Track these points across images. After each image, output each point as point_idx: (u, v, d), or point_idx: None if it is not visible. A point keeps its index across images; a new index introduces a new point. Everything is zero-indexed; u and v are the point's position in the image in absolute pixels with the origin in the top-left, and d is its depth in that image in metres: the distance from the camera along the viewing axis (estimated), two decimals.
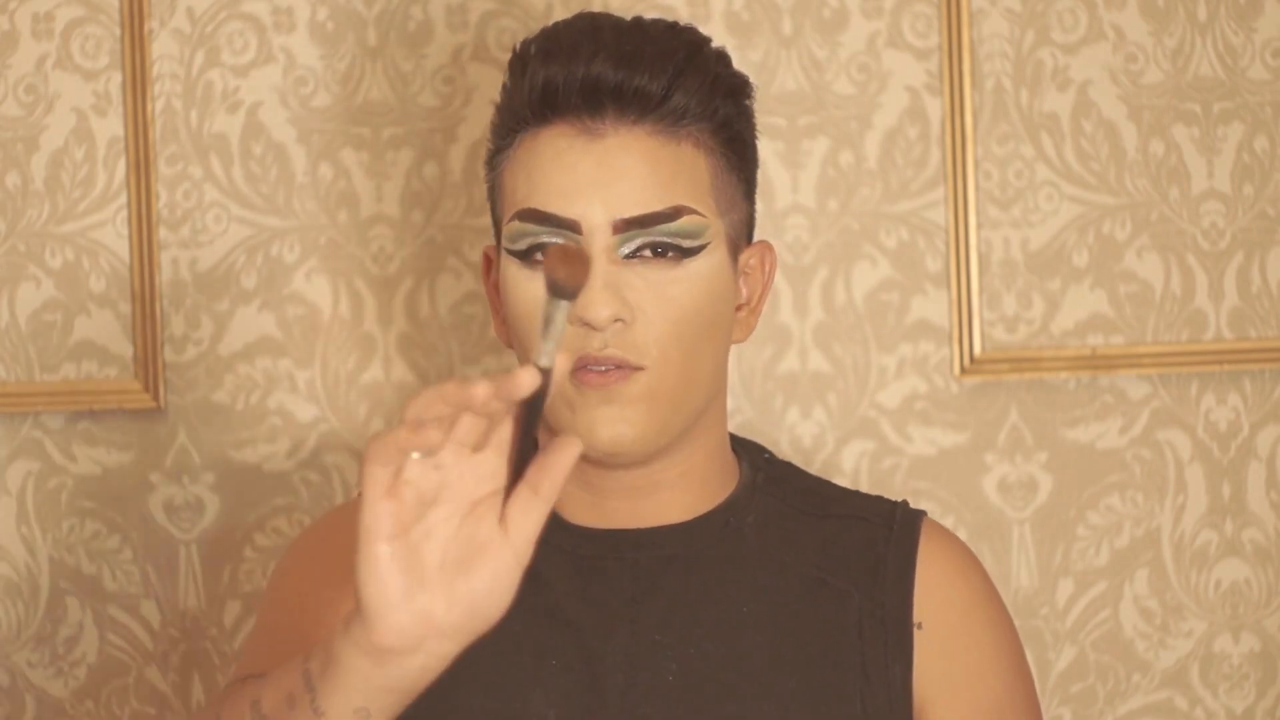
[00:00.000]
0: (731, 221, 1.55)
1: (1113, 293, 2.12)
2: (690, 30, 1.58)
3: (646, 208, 1.50)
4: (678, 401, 1.52)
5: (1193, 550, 2.13)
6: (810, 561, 1.57)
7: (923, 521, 1.60)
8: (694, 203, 1.51)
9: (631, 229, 1.50)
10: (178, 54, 2.13)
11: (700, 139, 1.53)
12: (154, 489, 2.15)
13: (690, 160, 1.52)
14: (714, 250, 1.53)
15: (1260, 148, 2.11)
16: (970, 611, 1.57)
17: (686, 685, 1.52)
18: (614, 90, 1.50)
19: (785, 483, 1.62)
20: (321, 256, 2.13)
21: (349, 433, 2.13)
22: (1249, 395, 2.13)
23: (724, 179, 1.54)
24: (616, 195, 1.50)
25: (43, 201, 2.14)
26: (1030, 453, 2.12)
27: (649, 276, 1.50)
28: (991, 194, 2.11)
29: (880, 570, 1.56)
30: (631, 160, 1.50)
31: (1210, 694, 2.13)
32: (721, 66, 1.57)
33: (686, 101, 1.51)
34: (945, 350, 2.12)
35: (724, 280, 1.54)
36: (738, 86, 1.57)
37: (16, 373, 2.14)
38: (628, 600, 1.55)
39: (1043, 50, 2.12)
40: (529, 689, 1.53)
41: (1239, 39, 2.11)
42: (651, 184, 1.50)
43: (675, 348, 1.51)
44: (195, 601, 2.15)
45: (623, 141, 1.51)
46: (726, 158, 1.55)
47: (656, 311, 1.50)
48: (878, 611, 1.55)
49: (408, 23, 2.13)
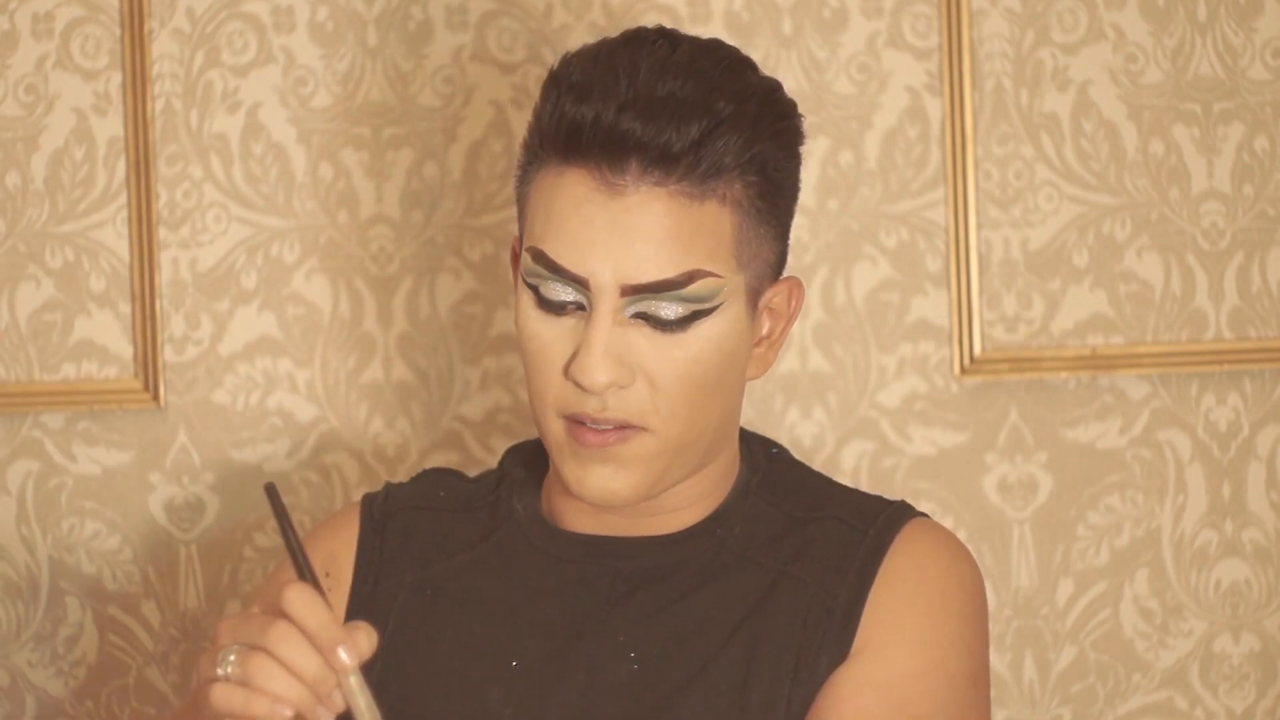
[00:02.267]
0: (755, 271, 1.51)
1: (1113, 293, 2.12)
2: (738, 73, 1.51)
3: (659, 274, 1.46)
4: (681, 455, 1.51)
5: (1193, 550, 2.13)
6: (782, 559, 1.55)
7: (911, 522, 1.57)
8: (712, 264, 1.47)
9: (641, 293, 1.47)
10: (178, 54, 2.13)
11: (729, 193, 1.48)
12: (154, 489, 2.15)
13: (714, 220, 1.48)
14: (728, 308, 1.49)
15: (1260, 148, 2.11)
16: (914, 597, 1.52)
17: (644, 685, 1.51)
18: (638, 145, 1.45)
19: (782, 485, 1.61)
20: (321, 256, 2.13)
21: (349, 433, 2.13)
22: (1249, 395, 2.13)
23: (751, 231, 1.50)
24: (629, 259, 1.46)
25: (43, 201, 2.14)
26: (1030, 453, 2.12)
27: (655, 339, 1.48)
28: (991, 194, 2.11)
29: (845, 565, 1.53)
30: (650, 222, 1.46)
31: (1210, 694, 2.13)
32: (766, 109, 1.50)
33: (717, 162, 1.47)
34: (945, 350, 2.12)
35: (737, 335, 1.51)
36: (781, 130, 1.52)
37: (16, 373, 2.14)
38: (602, 604, 1.54)
39: (1043, 50, 2.12)
40: (487, 688, 1.53)
41: (1239, 39, 2.11)
42: (667, 248, 1.46)
43: (683, 408, 1.49)
44: (195, 601, 2.15)
45: (642, 200, 1.46)
46: (758, 208, 1.50)
47: (662, 373, 1.48)
48: (828, 602, 1.52)
49: (408, 23, 2.13)
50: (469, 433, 2.13)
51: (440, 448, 2.13)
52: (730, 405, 1.54)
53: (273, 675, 1.27)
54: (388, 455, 2.14)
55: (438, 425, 2.13)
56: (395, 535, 1.63)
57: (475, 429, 2.12)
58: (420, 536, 1.62)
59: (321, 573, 1.59)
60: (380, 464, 2.13)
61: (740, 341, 1.52)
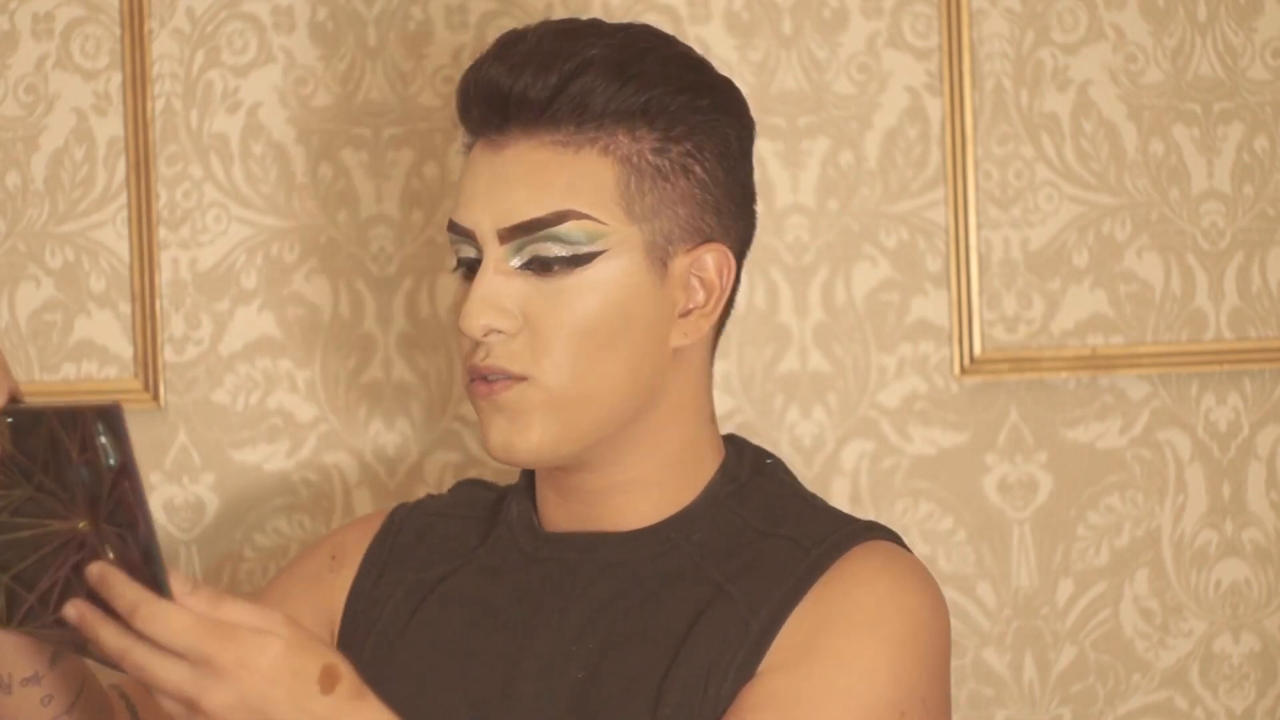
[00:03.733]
0: (657, 229, 1.52)
1: (1113, 293, 2.12)
2: (620, 33, 1.54)
3: (529, 214, 1.49)
4: (578, 410, 1.51)
5: (1193, 550, 2.13)
6: (726, 575, 1.52)
7: (863, 545, 1.53)
8: (590, 209, 1.50)
9: (516, 236, 1.50)
10: (178, 54, 2.13)
11: (612, 144, 1.51)
12: (154, 489, 2.15)
13: (593, 168, 1.50)
14: (615, 257, 1.50)
15: (1260, 148, 2.11)
16: (834, 618, 1.48)
17: (586, 695, 1.50)
18: (505, 96, 1.50)
19: (754, 498, 1.58)
20: (321, 256, 2.13)
21: (349, 433, 2.13)
22: (1249, 395, 2.13)
23: (646, 185, 1.51)
24: (503, 204, 1.50)
25: (43, 201, 2.14)
26: (1030, 453, 2.12)
27: (542, 286, 1.50)
28: (991, 194, 2.11)
29: (778, 584, 1.51)
30: (522, 169, 1.50)
31: (1210, 694, 2.13)
32: (668, 67, 1.53)
33: (582, 105, 1.50)
34: (945, 350, 2.12)
35: (633, 290, 1.51)
36: (690, 89, 1.53)
37: (16, 373, 2.14)
38: (558, 604, 1.55)
39: (1043, 50, 2.12)
40: (453, 686, 1.55)
41: (1239, 39, 2.11)
42: (538, 192, 1.49)
43: (567, 356, 1.50)
44: None
45: (518, 152, 1.51)
46: (653, 164, 1.52)
47: (543, 320, 1.50)
48: (749, 619, 1.49)
49: (408, 23, 2.13)
50: (469, 433, 2.13)
51: (440, 448, 2.13)
52: (642, 369, 1.53)
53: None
54: (388, 455, 2.14)
55: (437, 425, 2.13)
56: (408, 536, 1.66)
57: (475, 429, 2.12)
58: (431, 541, 1.65)
59: (329, 556, 1.65)
60: (380, 464, 2.13)
61: (640, 299, 1.51)
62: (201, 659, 1.27)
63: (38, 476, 1.28)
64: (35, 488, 1.28)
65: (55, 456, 1.27)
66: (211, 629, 1.28)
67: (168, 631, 1.27)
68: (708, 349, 1.59)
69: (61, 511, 1.28)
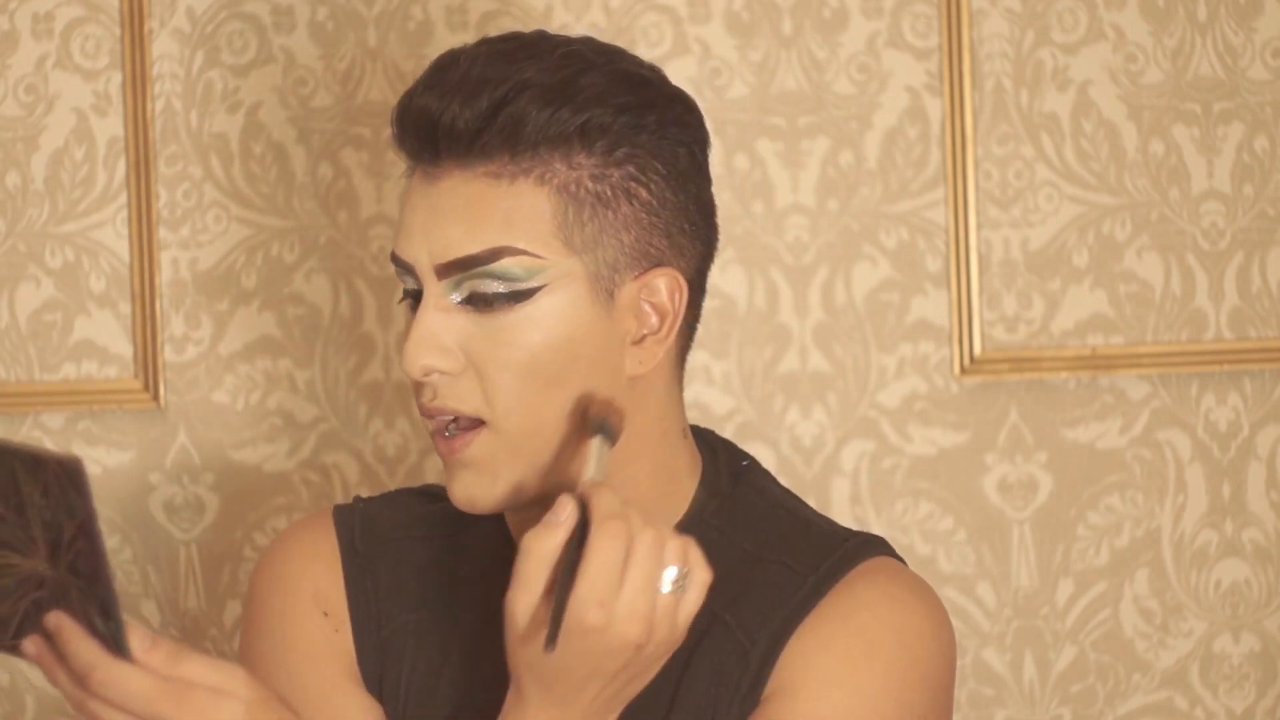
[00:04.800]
0: (600, 259, 1.45)
1: (1113, 293, 2.12)
2: (558, 51, 1.46)
3: (464, 250, 1.44)
4: (538, 452, 1.46)
5: (1193, 550, 2.13)
6: (720, 603, 1.47)
7: (863, 565, 1.50)
8: (527, 244, 1.43)
9: (454, 272, 1.45)
10: (178, 54, 2.13)
11: (548, 173, 1.44)
12: (154, 489, 2.15)
13: (529, 200, 1.44)
14: (556, 291, 1.44)
15: (1260, 148, 2.11)
16: (834, 642, 1.46)
17: None
18: (435, 126, 1.44)
19: (741, 514, 1.54)
20: (321, 256, 2.13)
21: (349, 433, 2.13)
22: (1249, 395, 2.13)
23: (586, 215, 1.45)
24: (439, 240, 1.45)
25: (43, 201, 2.14)
26: (1030, 453, 2.12)
27: (484, 323, 1.44)
28: (991, 194, 2.11)
29: (775, 611, 1.47)
30: (457, 202, 1.44)
31: (1210, 694, 2.13)
32: (608, 86, 1.45)
33: (514, 135, 1.43)
34: (945, 350, 2.12)
35: (577, 321, 1.45)
36: (631, 109, 1.45)
37: (16, 373, 2.14)
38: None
39: (1043, 50, 2.12)
40: (438, 710, 1.51)
41: (1239, 39, 2.11)
42: (473, 227, 1.44)
43: (516, 397, 1.45)
44: (195, 601, 2.15)
45: (453, 184, 1.45)
46: (593, 191, 1.44)
47: (487, 359, 1.45)
48: (748, 648, 1.47)
49: (408, 23, 2.13)
50: None
51: None
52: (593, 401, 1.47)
53: None
54: (388, 455, 2.14)
55: None
56: (386, 573, 1.58)
57: None
58: (410, 570, 1.58)
59: (319, 612, 1.56)
60: (380, 464, 2.13)
61: (586, 331, 1.46)
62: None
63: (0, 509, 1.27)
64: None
65: (18, 495, 1.25)
66: (167, 692, 1.27)
67: (123, 695, 1.26)
68: (671, 372, 1.52)
69: (23, 549, 1.27)
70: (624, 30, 2.10)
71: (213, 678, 1.28)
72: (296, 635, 1.56)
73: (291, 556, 1.59)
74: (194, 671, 1.28)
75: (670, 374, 1.52)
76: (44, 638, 1.28)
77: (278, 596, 1.58)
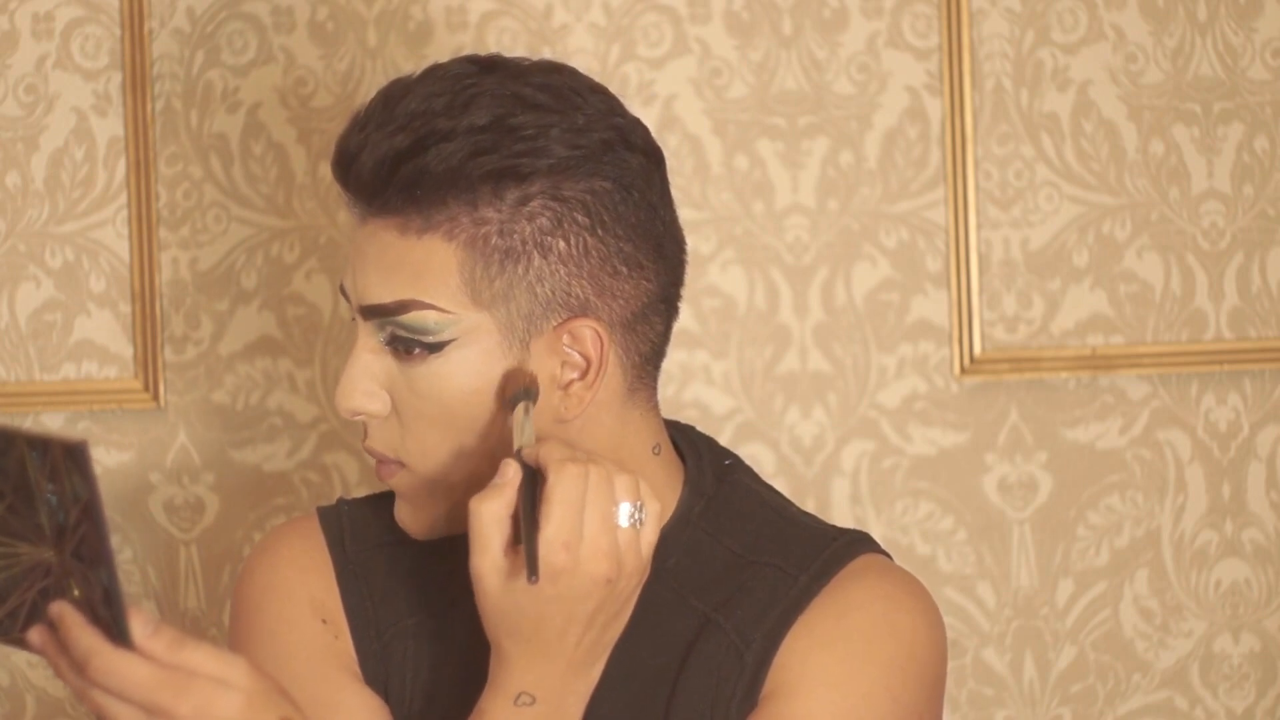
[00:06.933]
0: (514, 311, 1.42)
1: (1113, 293, 2.12)
2: (474, 91, 1.42)
3: (376, 299, 1.44)
4: (445, 490, 1.47)
5: (1193, 550, 2.13)
6: (712, 604, 1.48)
7: (854, 563, 1.50)
8: (434, 298, 1.42)
9: (373, 317, 1.45)
10: (178, 54, 2.13)
11: (455, 230, 1.41)
12: (154, 489, 2.15)
13: (437, 255, 1.42)
14: (466, 345, 1.43)
15: (1260, 148, 2.11)
16: (829, 642, 1.45)
17: None
18: (348, 178, 1.44)
19: (728, 514, 1.53)
20: (321, 256, 2.14)
21: (349, 433, 2.13)
22: (1249, 395, 2.13)
23: (494, 271, 1.41)
24: (361, 282, 1.45)
25: (43, 201, 2.14)
26: (1030, 453, 2.12)
27: (405, 370, 1.45)
28: (991, 194, 2.11)
29: (768, 612, 1.47)
30: (373, 249, 1.44)
31: (1210, 694, 2.13)
32: (511, 129, 1.41)
33: (411, 193, 1.40)
34: (945, 350, 2.12)
35: (490, 375, 1.43)
36: (540, 151, 1.41)
37: (16, 373, 2.14)
38: None
39: (1043, 50, 2.12)
40: (463, 702, 1.49)
41: (1239, 39, 2.11)
42: (386, 277, 1.43)
43: (429, 444, 1.45)
44: (195, 601, 2.15)
45: (372, 230, 1.44)
46: (501, 246, 1.41)
47: (409, 406, 1.45)
48: (743, 650, 1.46)
49: (408, 23, 2.13)
50: None
51: None
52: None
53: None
54: None
55: None
56: (379, 579, 1.57)
57: None
58: (402, 575, 1.57)
59: (317, 619, 1.55)
60: None
61: (503, 384, 1.44)
62: (157, 710, 1.26)
63: (9, 497, 1.27)
64: (6, 508, 1.27)
65: (24, 482, 1.26)
66: (167, 680, 1.26)
67: (122, 684, 1.26)
68: (618, 405, 1.48)
69: (30, 536, 1.27)
70: (624, 30, 2.10)
71: (214, 667, 1.28)
72: (297, 640, 1.55)
73: (283, 563, 1.58)
74: (195, 660, 1.27)
75: (618, 407, 1.48)
76: (48, 628, 1.28)
77: (273, 603, 1.56)
